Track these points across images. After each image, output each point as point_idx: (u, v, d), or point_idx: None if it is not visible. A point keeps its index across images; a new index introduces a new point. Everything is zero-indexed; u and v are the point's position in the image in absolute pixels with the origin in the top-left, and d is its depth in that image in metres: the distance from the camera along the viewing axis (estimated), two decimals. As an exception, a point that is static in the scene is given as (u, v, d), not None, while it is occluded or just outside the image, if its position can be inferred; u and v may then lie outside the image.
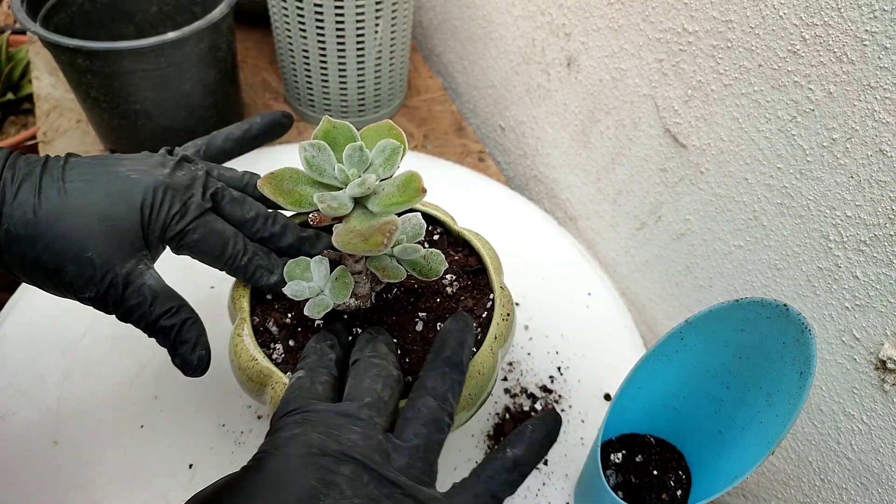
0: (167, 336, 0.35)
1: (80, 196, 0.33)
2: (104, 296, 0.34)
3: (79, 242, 0.33)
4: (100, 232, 0.33)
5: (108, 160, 0.36)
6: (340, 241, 0.31)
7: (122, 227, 0.34)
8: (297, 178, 0.33)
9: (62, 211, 0.33)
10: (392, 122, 0.35)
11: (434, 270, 0.37)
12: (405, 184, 0.32)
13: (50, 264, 0.33)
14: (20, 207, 0.32)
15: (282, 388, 0.35)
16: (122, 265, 0.34)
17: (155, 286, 0.35)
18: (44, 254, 0.32)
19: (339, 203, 0.32)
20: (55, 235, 0.32)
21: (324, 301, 0.36)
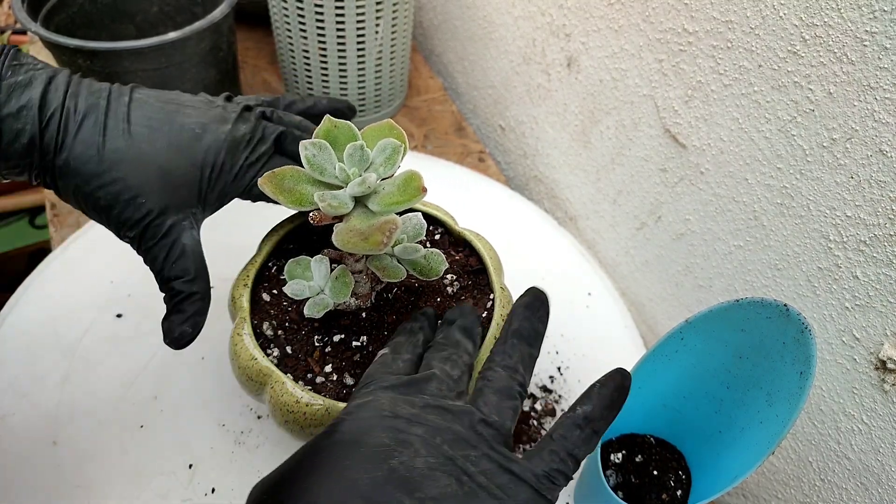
0: (171, 297, 0.35)
1: (143, 143, 0.34)
2: (142, 238, 0.35)
3: (135, 188, 0.33)
4: (157, 182, 0.34)
5: (170, 105, 0.36)
6: (340, 241, 0.31)
7: (180, 181, 0.35)
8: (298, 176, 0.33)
9: (125, 155, 0.33)
10: (393, 122, 0.35)
11: (434, 270, 0.37)
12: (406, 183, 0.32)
13: (102, 201, 0.33)
14: (83, 143, 0.33)
15: (281, 387, 0.35)
16: (170, 217, 0.35)
17: (188, 246, 0.35)
18: (98, 191, 0.33)
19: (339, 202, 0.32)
20: (114, 177, 0.33)
21: (323, 300, 0.36)
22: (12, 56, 0.32)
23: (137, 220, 0.34)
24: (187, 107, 0.36)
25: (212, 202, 0.37)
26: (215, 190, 0.36)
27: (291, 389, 0.35)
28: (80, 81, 0.34)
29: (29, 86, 0.32)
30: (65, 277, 0.56)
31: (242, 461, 0.46)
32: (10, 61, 0.32)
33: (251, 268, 0.41)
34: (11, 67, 0.32)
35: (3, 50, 0.32)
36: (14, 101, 0.31)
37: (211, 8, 0.62)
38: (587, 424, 0.30)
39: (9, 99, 0.31)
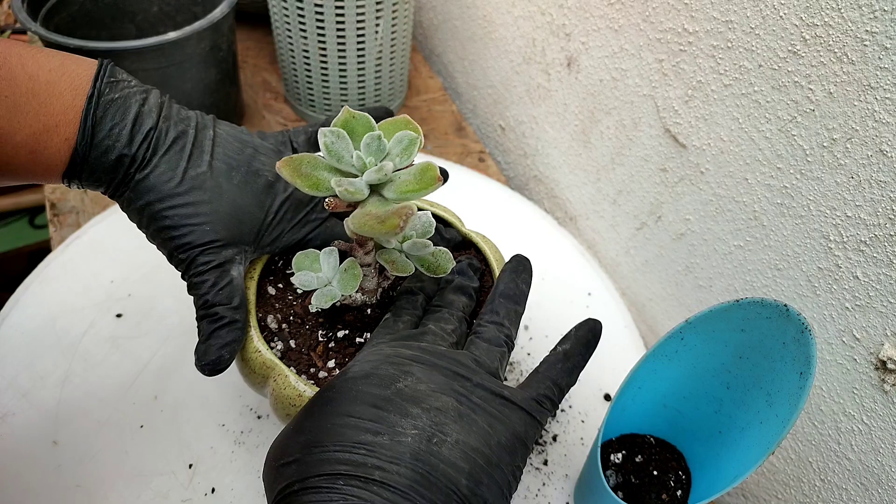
0: (212, 322, 0.36)
1: (221, 177, 0.36)
2: (192, 262, 0.36)
3: (204, 215, 0.35)
4: (227, 215, 0.36)
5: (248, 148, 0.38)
6: (356, 224, 0.31)
7: (246, 220, 0.37)
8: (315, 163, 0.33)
9: (203, 184, 0.35)
10: (409, 117, 0.35)
11: (442, 268, 0.38)
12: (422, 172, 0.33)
13: (168, 221, 0.35)
14: (168, 163, 0.34)
15: (284, 380, 0.36)
16: (228, 249, 0.36)
17: (235, 278, 0.37)
18: (169, 210, 0.34)
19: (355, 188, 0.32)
20: (188, 201, 0.35)
21: (331, 292, 0.36)
22: (109, 73, 0.33)
23: (197, 245, 0.35)
24: (262, 154, 0.38)
25: (265, 245, 0.39)
26: (272, 234, 0.38)
27: (294, 383, 0.35)
28: (170, 105, 0.36)
29: (124, 104, 0.33)
30: (65, 277, 0.56)
31: (242, 461, 0.46)
32: (108, 77, 0.33)
33: (258, 261, 0.41)
34: (109, 84, 0.33)
35: (102, 65, 0.33)
36: (108, 119, 0.33)
37: (211, 8, 0.62)
38: (567, 359, 0.35)
39: (104, 115, 0.33)
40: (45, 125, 0.32)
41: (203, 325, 0.36)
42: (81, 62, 0.33)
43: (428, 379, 0.31)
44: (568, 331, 0.37)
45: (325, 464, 0.28)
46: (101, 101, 0.32)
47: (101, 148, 0.33)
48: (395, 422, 0.29)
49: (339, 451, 0.28)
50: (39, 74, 0.32)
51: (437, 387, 0.31)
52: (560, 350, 0.36)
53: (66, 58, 0.33)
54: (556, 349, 0.36)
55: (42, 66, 0.32)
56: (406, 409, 0.30)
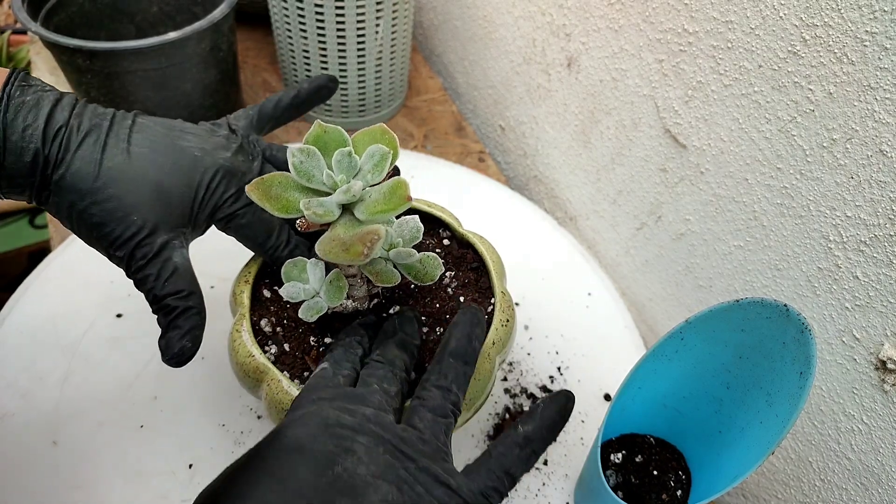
0: (166, 315, 0.35)
1: (142, 162, 0.34)
2: (132, 258, 0.34)
3: (129, 206, 0.34)
4: (152, 201, 0.34)
5: (173, 130, 0.36)
6: (322, 250, 0.31)
7: (174, 201, 0.35)
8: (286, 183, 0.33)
9: (123, 173, 0.33)
10: (385, 127, 0.35)
11: (430, 275, 0.37)
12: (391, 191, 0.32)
13: (95, 218, 0.33)
14: (82, 159, 0.33)
15: (277, 384, 0.35)
16: (161, 236, 0.35)
17: (179, 264, 0.35)
18: (92, 207, 0.33)
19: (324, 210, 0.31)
20: (110, 194, 0.33)
21: (318, 304, 0.36)
22: (21, 78, 0.33)
23: (128, 238, 0.34)
24: (189, 133, 0.37)
25: (200, 223, 0.37)
26: (205, 211, 0.36)
27: (286, 388, 0.35)
28: (85, 104, 0.34)
29: (36, 105, 0.32)
30: (65, 277, 0.56)
31: (242, 461, 0.46)
32: (19, 82, 0.32)
33: (253, 265, 0.41)
34: (20, 87, 0.32)
35: (13, 72, 0.33)
36: (20, 120, 0.32)
37: (211, 8, 0.61)
38: (527, 444, 0.32)
39: (15, 117, 0.32)
40: None
41: (159, 319, 0.35)
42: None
43: (370, 460, 0.29)
44: (535, 404, 0.34)
45: None
46: (12, 104, 0.32)
47: (14, 151, 0.32)
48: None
49: None
50: None
51: (378, 470, 0.28)
52: (521, 432, 0.32)
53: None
54: (516, 428, 0.33)
55: None
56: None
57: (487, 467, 0.31)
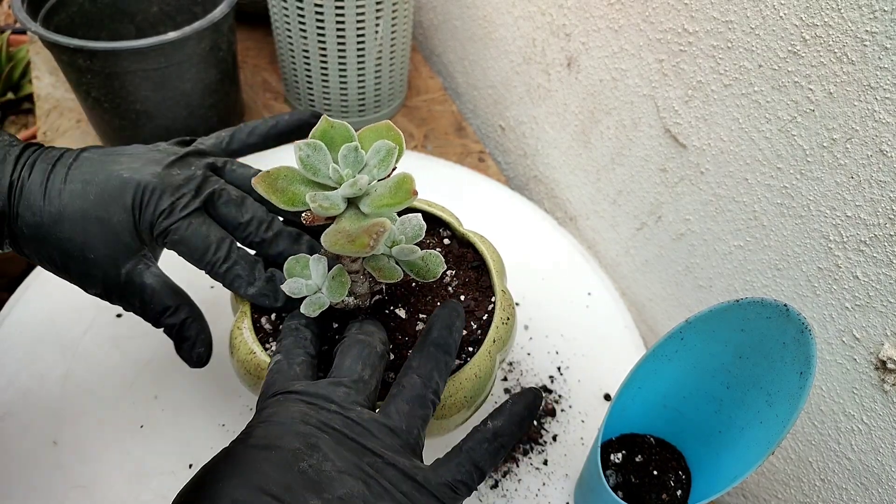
0: (170, 332, 0.36)
1: (77, 199, 0.34)
2: (108, 292, 0.35)
3: (79, 245, 0.34)
4: (98, 234, 0.35)
5: (108, 158, 0.36)
6: (328, 242, 0.31)
7: (118, 228, 0.35)
8: (292, 176, 0.33)
9: (63, 215, 0.34)
10: (391, 123, 0.35)
11: (432, 272, 0.37)
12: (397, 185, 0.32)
13: (58, 262, 0.35)
14: (28, 209, 0.34)
15: None
16: (123, 265, 0.35)
17: (154, 284, 0.36)
18: (52, 252, 0.34)
19: (330, 203, 0.31)
20: (59, 238, 0.34)
21: (320, 299, 0.36)
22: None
23: (93, 276, 0.35)
24: (125, 155, 0.36)
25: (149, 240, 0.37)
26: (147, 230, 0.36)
27: None
28: (34, 150, 0.35)
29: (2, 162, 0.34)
30: (65, 277, 0.56)
31: (242, 461, 0.46)
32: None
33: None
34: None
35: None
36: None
37: (211, 8, 0.62)
38: (495, 439, 0.32)
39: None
40: None
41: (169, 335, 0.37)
42: None
43: (336, 455, 0.29)
44: (505, 400, 0.34)
45: None
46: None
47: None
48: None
49: None
50: None
51: (344, 466, 0.28)
52: (490, 427, 0.33)
53: None
54: (485, 424, 0.33)
55: None
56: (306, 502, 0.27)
57: (457, 461, 0.32)
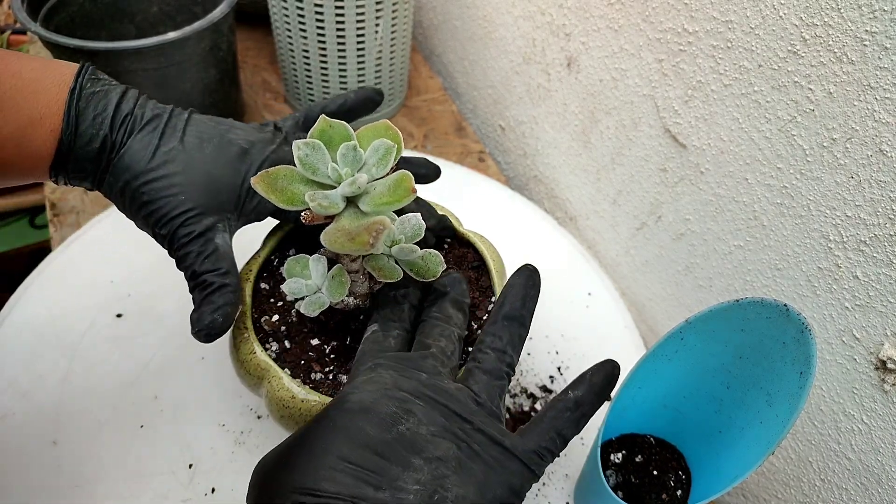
0: (202, 290, 0.36)
1: (193, 150, 0.36)
2: (173, 236, 0.36)
3: (178, 186, 0.35)
4: (202, 184, 0.36)
5: (222, 125, 0.38)
6: (328, 240, 0.31)
7: (222, 187, 0.37)
8: (292, 176, 0.33)
9: (175, 157, 0.36)
10: (389, 123, 0.35)
11: (432, 272, 0.37)
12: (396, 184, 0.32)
13: (145, 196, 0.35)
14: (140, 142, 0.35)
15: (278, 382, 0.36)
16: (207, 218, 0.36)
17: (220, 245, 0.37)
18: (144, 186, 0.35)
19: (329, 202, 0.32)
20: (161, 174, 0.35)
21: (320, 299, 0.36)
22: (91, 71, 0.35)
23: (174, 216, 0.35)
24: (238, 128, 0.39)
25: (248, 212, 0.38)
26: (253, 201, 0.38)
27: (288, 385, 0.35)
28: (147, 98, 0.37)
29: (105, 96, 0.35)
30: (65, 277, 0.56)
31: (242, 461, 0.46)
32: (89, 75, 0.35)
33: (254, 262, 0.41)
34: (90, 80, 0.35)
35: (84, 66, 0.35)
36: (91, 109, 0.34)
37: (211, 8, 0.62)
38: (577, 408, 0.33)
39: (87, 106, 0.34)
40: (31, 118, 0.33)
41: (195, 294, 0.36)
42: (64, 64, 0.35)
43: (429, 420, 0.30)
44: (583, 372, 0.35)
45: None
46: (84, 94, 0.34)
47: (85, 137, 0.34)
48: (396, 475, 0.28)
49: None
50: (23, 72, 0.33)
51: (437, 430, 0.30)
52: (571, 397, 0.34)
53: (49, 60, 0.35)
54: (566, 393, 0.34)
55: (25, 66, 0.34)
56: (408, 460, 0.28)
57: (540, 429, 0.33)
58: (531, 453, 0.31)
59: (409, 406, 0.30)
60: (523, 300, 0.36)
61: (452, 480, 0.29)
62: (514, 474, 0.31)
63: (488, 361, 0.34)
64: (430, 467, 0.28)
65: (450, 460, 0.29)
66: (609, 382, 0.35)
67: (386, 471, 0.28)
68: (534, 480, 0.32)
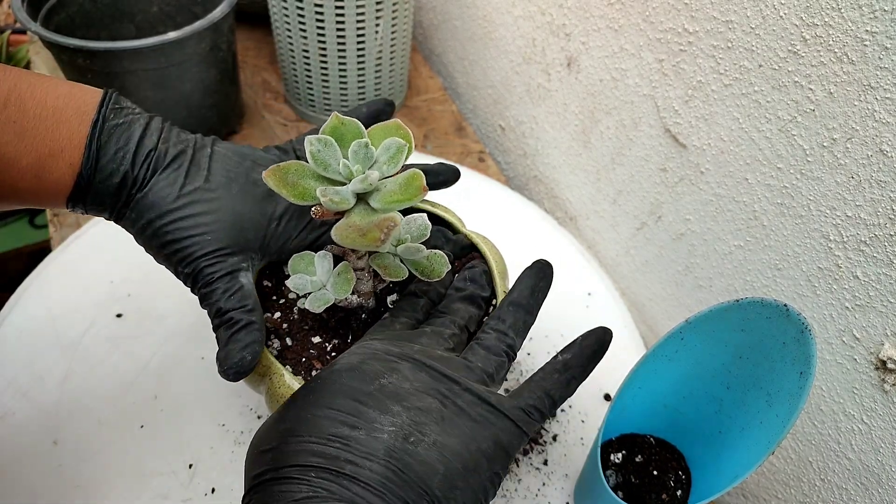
0: (229, 328, 0.35)
1: (219, 189, 0.36)
2: (198, 274, 0.36)
3: (205, 227, 0.35)
4: (228, 225, 0.36)
5: (246, 161, 0.38)
6: (339, 236, 0.31)
7: (249, 228, 0.37)
8: (303, 171, 0.33)
9: (202, 197, 0.35)
10: (400, 122, 0.35)
11: (436, 271, 0.38)
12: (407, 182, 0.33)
13: (170, 236, 0.35)
14: (166, 180, 0.35)
15: (279, 379, 0.36)
16: (232, 257, 0.36)
17: (245, 284, 0.37)
18: (169, 225, 0.35)
19: (340, 198, 0.32)
20: (186, 214, 0.35)
21: (325, 296, 0.36)
22: (114, 100, 0.35)
23: (200, 255, 0.35)
24: (261, 165, 0.38)
25: (272, 252, 0.38)
26: (279, 241, 0.38)
27: (289, 382, 0.35)
28: (171, 129, 0.36)
29: (128, 129, 0.34)
30: (65, 277, 0.56)
31: (242, 461, 0.46)
32: (112, 105, 0.34)
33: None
34: (114, 110, 0.34)
35: (107, 93, 0.34)
36: (113, 143, 0.34)
37: (211, 8, 0.61)
38: (566, 370, 0.34)
39: (109, 140, 0.34)
40: (51, 150, 0.32)
41: (220, 332, 0.36)
42: (87, 90, 0.34)
43: (414, 378, 0.31)
44: (575, 338, 0.36)
45: (299, 454, 0.28)
46: (106, 127, 0.34)
47: (105, 171, 0.33)
48: (373, 417, 0.29)
49: (314, 443, 0.28)
50: (47, 101, 0.33)
51: (422, 386, 0.31)
52: (560, 359, 0.35)
53: (73, 86, 0.34)
54: (556, 357, 0.35)
55: (50, 94, 0.33)
56: (387, 406, 0.30)
57: (528, 388, 0.33)
58: (518, 410, 0.32)
59: (395, 366, 0.32)
60: (532, 289, 0.37)
61: (433, 429, 0.29)
62: (502, 430, 0.31)
63: (488, 339, 0.35)
64: (408, 414, 0.29)
65: (432, 412, 0.30)
66: (600, 347, 0.35)
67: (363, 414, 0.29)
68: (523, 439, 0.32)
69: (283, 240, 0.38)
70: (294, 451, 0.28)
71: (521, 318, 0.36)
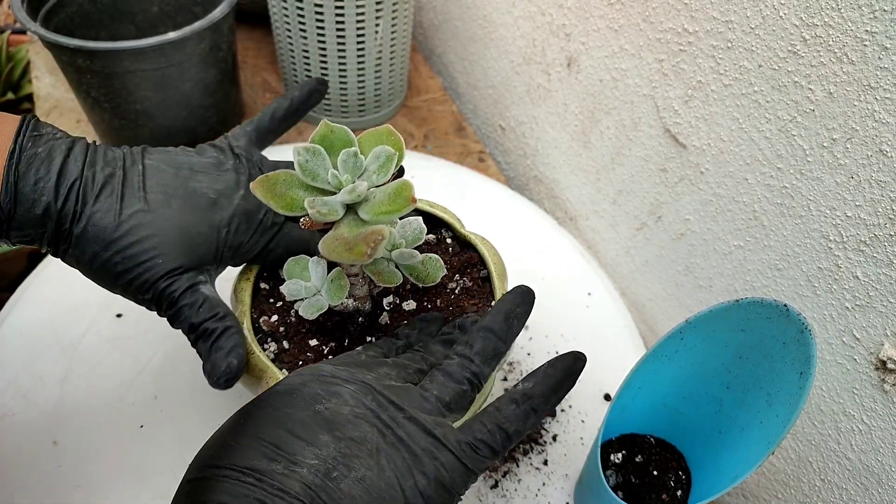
0: (207, 339, 0.35)
1: (161, 207, 0.35)
2: (160, 297, 0.35)
3: (154, 251, 0.34)
4: (177, 243, 0.35)
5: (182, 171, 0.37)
6: (325, 249, 0.31)
7: (199, 242, 0.36)
8: (291, 181, 0.33)
9: (142, 220, 0.34)
10: (391, 128, 0.35)
11: (431, 276, 0.37)
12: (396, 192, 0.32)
13: (120, 266, 0.34)
14: (101, 211, 0.33)
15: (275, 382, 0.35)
16: (186, 275, 0.35)
17: (209, 294, 0.36)
18: (116, 256, 0.34)
19: (329, 209, 0.31)
20: (131, 241, 0.34)
21: (319, 302, 0.36)
22: (33, 127, 0.33)
23: (154, 280, 0.34)
24: (199, 173, 0.37)
25: (227, 259, 0.38)
26: (232, 248, 0.37)
27: None
28: (96, 150, 0.35)
29: (48, 157, 0.33)
30: (65, 277, 0.56)
31: (242, 461, 0.46)
32: (30, 132, 0.33)
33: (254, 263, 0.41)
34: (32, 138, 0.33)
35: (24, 121, 0.33)
36: (32, 173, 0.32)
37: (211, 8, 0.61)
38: (525, 401, 0.31)
39: (28, 170, 0.32)
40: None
41: (199, 345, 0.35)
42: (6, 119, 0.33)
43: (355, 403, 0.29)
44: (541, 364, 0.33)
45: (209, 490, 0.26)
46: (24, 156, 0.32)
47: (26, 203, 0.32)
48: (295, 449, 0.27)
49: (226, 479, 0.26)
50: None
51: (363, 413, 0.29)
52: (520, 389, 0.32)
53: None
54: (516, 386, 0.32)
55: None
56: (315, 436, 0.28)
57: (480, 420, 0.31)
58: (465, 445, 0.29)
59: (337, 389, 0.30)
60: (506, 315, 0.34)
61: (363, 462, 0.27)
62: (444, 466, 0.28)
63: (450, 365, 0.33)
64: (337, 445, 0.27)
65: (366, 443, 0.28)
66: (567, 376, 0.32)
67: (288, 445, 0.27)
68: (470, 478, 0.29)
69: (234, 247, 0.37)
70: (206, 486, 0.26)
71: (492, 344, 0.33)
